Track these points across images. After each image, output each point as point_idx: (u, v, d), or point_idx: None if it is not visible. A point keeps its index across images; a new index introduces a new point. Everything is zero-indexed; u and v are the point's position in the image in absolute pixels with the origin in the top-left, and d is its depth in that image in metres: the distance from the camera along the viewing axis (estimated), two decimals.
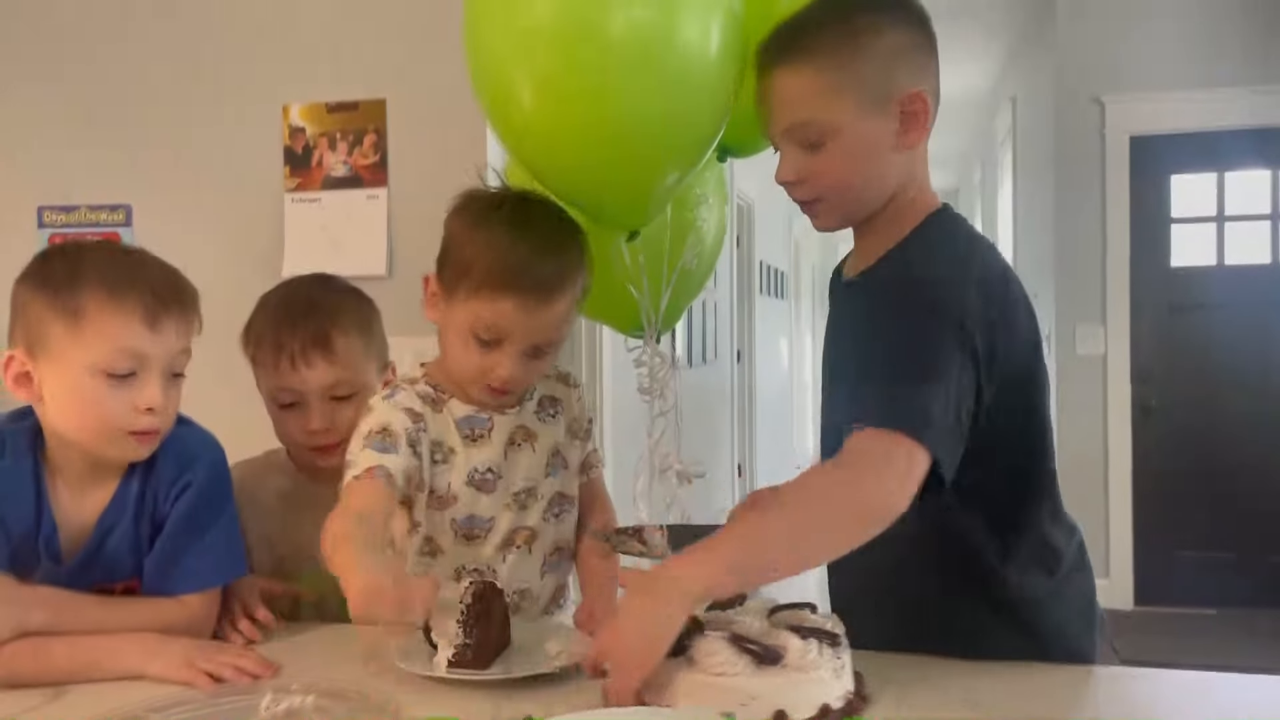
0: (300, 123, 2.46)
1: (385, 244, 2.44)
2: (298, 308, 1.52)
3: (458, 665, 1.15)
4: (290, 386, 1.48)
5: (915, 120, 1.21)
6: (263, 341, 1.50)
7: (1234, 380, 4.49)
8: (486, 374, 1.33)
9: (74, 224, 2.61)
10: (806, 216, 1.32)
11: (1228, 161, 4.61)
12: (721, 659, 1.02)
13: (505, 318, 1.30)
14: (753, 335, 6.82)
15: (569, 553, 1.47)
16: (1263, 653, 3.74)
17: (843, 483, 1.08)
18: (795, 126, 1.22)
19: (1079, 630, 1.28)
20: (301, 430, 1.49)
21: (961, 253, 1.21)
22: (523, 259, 1.29)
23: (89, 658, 1.21)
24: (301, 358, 1.47)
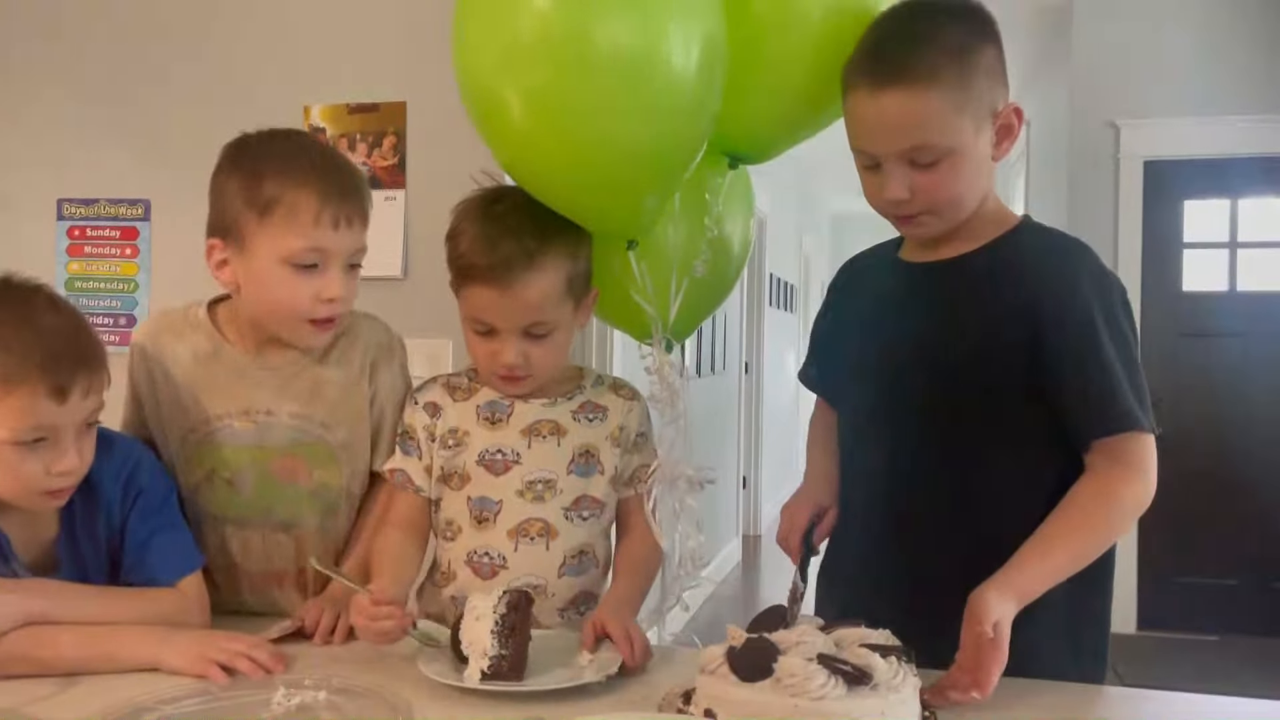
0: (320, 123, 2.48)
1: (401, 246, 2.45)
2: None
3: (493, 677, 1.16)
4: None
5: (1009, 132, 1.28)
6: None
7: (1243, 407, 4.47)
8: (493, 362, 1.39)
9: (93, 217, 2.62)
10: (899, 228, 1.35)
11: (1241, 188, 4.61)
12: (819, 681, 0.97)
13: (483, 304, 1.36)
14: (761, 347, 6.82)
15: (595, 561, 1.46)
16: (1265, 680, 3.72)
17: (1124, 490, 1.21)
18: (916, 149, 1.23)
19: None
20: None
21: (1088, 251, 1.31)
22: (485, 245, 1.35)
23: (99, 648, 1.22)
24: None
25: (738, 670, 1.02)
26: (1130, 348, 1.25)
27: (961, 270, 1.31)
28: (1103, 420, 1.22)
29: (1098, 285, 1.26)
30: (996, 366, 1.26)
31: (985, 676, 1.09)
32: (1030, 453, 1.27)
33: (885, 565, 1.34)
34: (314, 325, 1.36)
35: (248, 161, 1.33)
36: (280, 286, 1.32)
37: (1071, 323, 1.23)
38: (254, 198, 1.30)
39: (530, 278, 1.34)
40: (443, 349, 2.42)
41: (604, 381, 1.51)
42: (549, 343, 1.40)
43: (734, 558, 6.09)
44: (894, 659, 1.03)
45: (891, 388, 1.34)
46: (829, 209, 10.27)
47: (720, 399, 5.71)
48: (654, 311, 1.50)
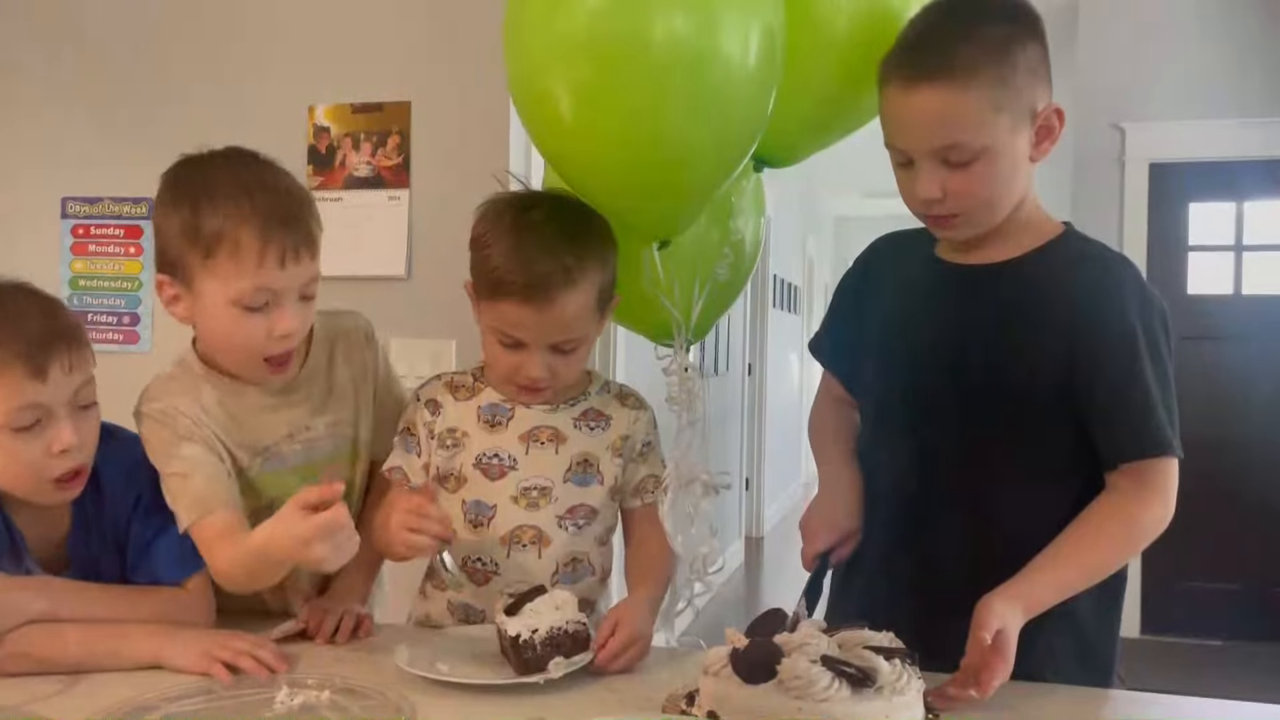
0: (325, 122, 2.47)
1: (405, 246, 2.45)
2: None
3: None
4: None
5: (1049, 133, 1.25)
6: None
7: (1246, 411, 4.46)
8: (517, 373, 1.37)
9: (97, 215, 2.62)
10: (932, 229, 1.32)
11: (1247, 191, 4.60)
12: (823, 684, 0.97)
13: (516, 320, 1.33)
14: (764, 349, 6.81)
15: (591, 569, 1.44)
16: (1270, 685, 3.71)
17: (1146, 511, 1.22)
18: (949, 147, 1.20)
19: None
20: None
21: (1130, 266, 1.29)
22: (524, 261, 1.31)
23: (105, 646, 1.22)
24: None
25: (741, 672, 1.02)
26: (1167, 370, 1.23)
27: (1000, 277, 1.29)
28: (1134, 442, 1.21)
29: (1141, 305, 1.24)
30: (1028, 378, 1.24)
31: (985, 681, 1.08)
32: (1052, 465, 1.27)
33: (900, 567, 1.33)
34: (270, 364, 1.32)
35: (186, 196, 1.28)
36: (232, 327, 1.29)
37: (1112, 341, 1.21)
38: (195, 237, 1.25)
39: (568, 296, 1.32)
40: (446, 349, 2.42)
41: (610, 389, 1.49)
42: (575, 356, 1.39)
43: (736, 559, 6.09)
44: (898, 661, 1.03)
45: (917, 386, 1.32)
46: (832, 211, 10.26)
47: (723, 400, 5.70)
48: (678, 314, 1.49)
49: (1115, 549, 1.23)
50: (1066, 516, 1.22)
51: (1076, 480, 1.25)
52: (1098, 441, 1.23)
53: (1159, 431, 1.21)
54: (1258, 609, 4.44)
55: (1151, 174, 4.59)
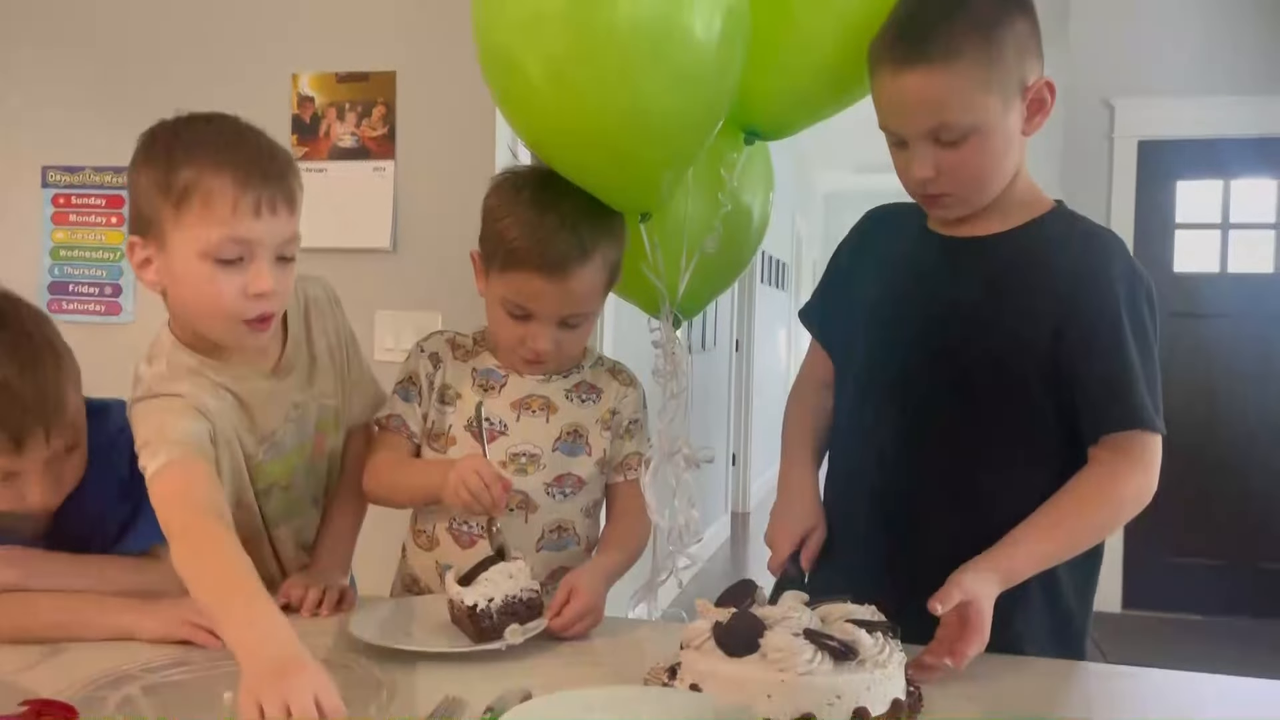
0: (309, 92, 2.45)
1: (390, 217, 2.43)
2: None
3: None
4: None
5: (1041, 107, 1.26)
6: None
7: (1231, 389, 4.49)
8: (523, 345, 1.39)
9: (78, 185, 2.59)
10: (926, 208, 1.33)
11: (1234, 169, 4.60)
12: (805, 656, 0.98)
13: (531, 293, 1.35)
14: (752, 325, 6.81)
15: (576, 538, 1.46)
16: (1249, 660, 3.74)
17: (1126, 485, 1.22)
18: (940, 127, 1.21)
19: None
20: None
21: (1118, 241, 1.29)
22: (543, 235, 1.33)
23: (79, 616, 1.21)
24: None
25: (724, 645, 1.02)
26: (1151, 346, 1.24)
27: (989, 251, 1.30)
28: (1115, 415, 1.22)
29: (1127, 279, 1.25)
30: (1015, 352, 1.25)
31: (960, 651, 1.09)
32: (1035, 439, 1.27)
33: (880, 540, 1.34)
34: (249, 325, 1.23)
35: (160, 149, 1.22)
36: (203, 284, 1.20)
37: (1097, 316, 1.22)
38: (168, 188, 1.18)
39: (583, 271, 1.35)
40: (432, 322, 2.40)
41: (604, 363, 1.51)
42: (581, 331, 1.42)
43: (722, 534, 6.11)
44: (880, 634, 1.03)
45: (902, 357, 1.33)
46: (822, 187, 10.24)
47: (711, 376, 5.71)
48: (663, 286, 1.50)
49: (1095, 521, 1.24)
50: (1048, 491, 1.22)
51: (1060, 456, 1.26)
52: (1080, 414, 1.23)
53: (1140, 406, 1.21)
54: (1237, 585, 4.49)
55: (1140, 151, 4.59)
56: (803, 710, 0.96)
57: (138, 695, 1.03)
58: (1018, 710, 1.05)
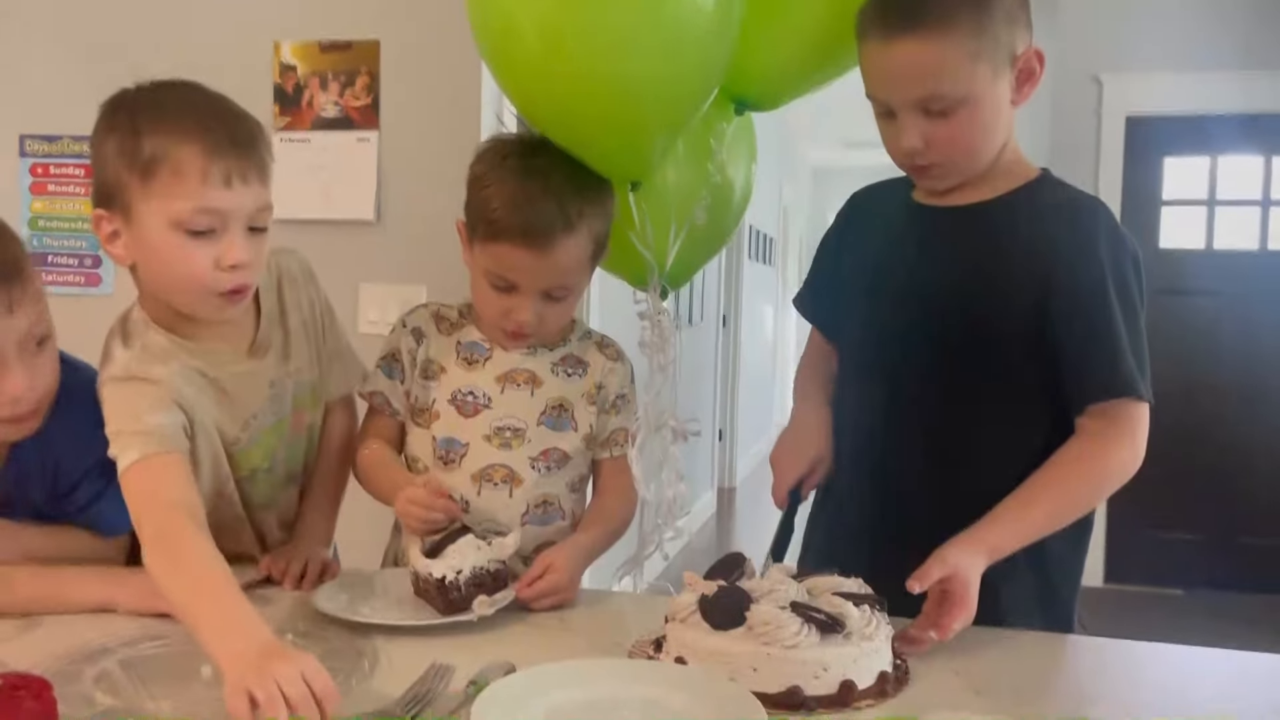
0: (291, 61, 2.41)
1: (374, 188, 2.41)
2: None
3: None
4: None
5: (1031, 76, 1.25)
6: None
7: (1215, 366, 4.51)
8: (506, 318, 1.37)
9: (56, 154, 2.56)
10: (914, 179, 1.32)
11: (1221, 146, 4.60)
12: (792, 629, 0.97)
13: (513, 264, 1.33)
14: (739, 300, 6.81)
15: (562, 513, 1.44)
16: (1227, 634, 3.79)
17: (1113, 454, 1.21)
18: (929, 97, 1.20)
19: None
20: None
21: (1104, 209, 1.28)
22: (526, 205, 1.31)
23: (56, 589, 1.20)
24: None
25: (710, 618, 1.02)
26: (1137, 314, 1.24)
27: (975, 219, 1.29)
28: (1103, 385, 1.21)
29: (1112, 246, 1.24)
30: (1001, 319, 1.25)
31: (945, 625, 1.09)
32: (1024, 408, 1.27)
33: (871, 511, 1.34)
34: (223, 297, 1.20)
35: (124, 117, 1.17)
36: (174, 257, 1.16)
37: (1082, 283, 1.21)
38: (133, 158, 1.14)
39: (567, 243, 1.32)
40: (416, 295, 2.39)
41: (591, 337, 1.49)
42: (565, 304, 1.39)
43: (709, 509, 6.13)
44: (867, 607, 1.03)
45: (892, 330, 1.33)
46: (809, 162, 10.22)
47: (697, 351, 5.70)
48: (651, 257, 1.49)
49: (1082, 492, 1.23)
50: (1035, 460, 1.22)
51: (1045, 424, 1.25)
52: (1066, 384, 1.23)
53: (1127, 374, 1.21)
54: (1218, 560, 4.53)
55: (1128, 127, 4.59)
56: (789, 683, 0.96)
57: (114, 669, 1.02)
58: (1003, 683, 1.06)
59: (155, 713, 0.93)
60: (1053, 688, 1.12)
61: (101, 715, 0.92)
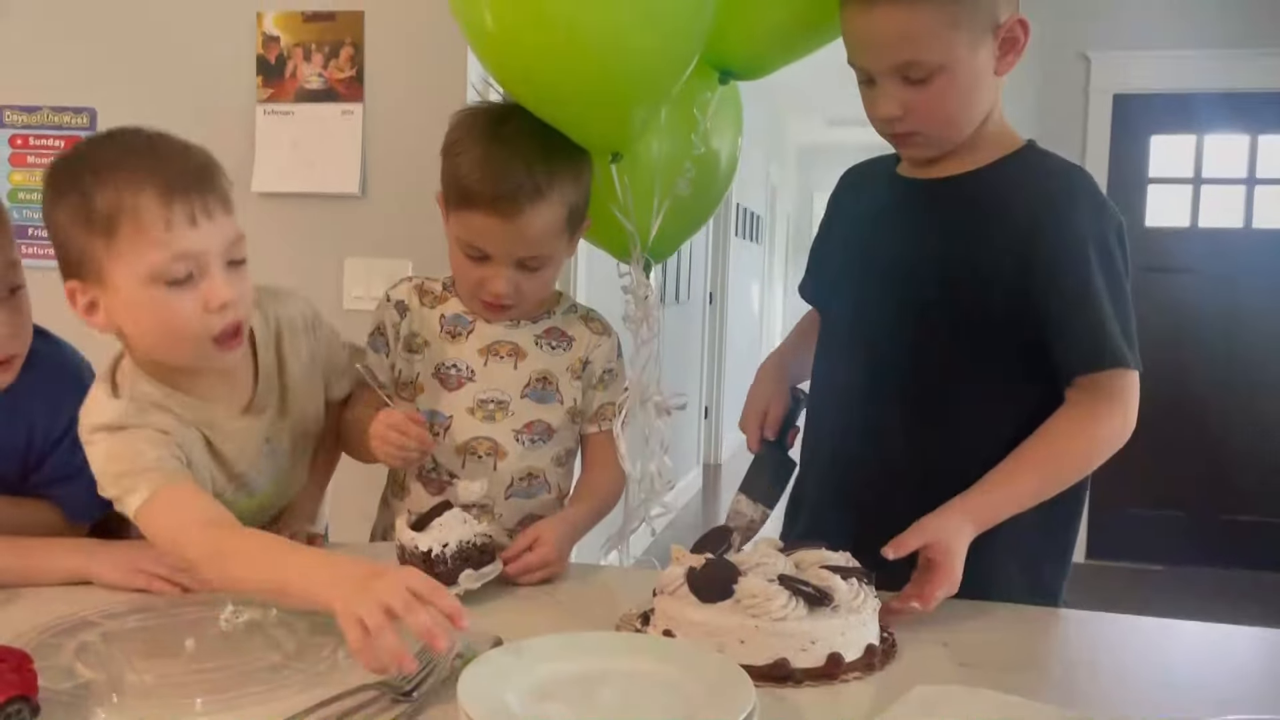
0: (274, 31, 2.38)
1: (359, 161, 2.38)
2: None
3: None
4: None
5: (1014, 45, 1.24)
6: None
7: (1199, 343, 4.53)
8: (481, 288, 1.36)
9: (36, 125, 2.52)
10: (896, 147, 1.32)
11: (1207, 124, 4.61)
12: (780, 602, 0.97)
13: (483, 231, 1.32)
14: (726, 278, 6.80)
15: (547, 486, 1.44)
16: (1208, 608, 3.83)
17: (1103, 424, 1.21)
18: (907, 64, 1.20)
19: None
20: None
21: (1089, 179, 1.28)
22: (492, 172, 1.29)
23: (27, 559, 1.19)
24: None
25: (697, 591, 1.01)
26: (1121, 282, 1.23)
27: (958, 190, 1.28)
28: (1089, 355, 1.20)
29: (1095, 216, 1.23)
30: (982, 288, 1.24)
31: (928, 594, 1.10)
32: (1008, 379, 1.26)
33: (858, 483, 1.34)
34: (218, 344, 1.14)
35: (67, 179, 1.12)
36: (159, 312, 1.11)
37: (1065, 253, 1.21)
38: (90, 220, 1.08)
39: (537, 210, 1.30)
40: (402, 269, 2.37)
41: (577, 310, 1.48)
42: (541, 275, 1.38)
43: (694, 486, 6.14)
44: (855, 580, 1.03)
45: (876, 301, 1.32)
46: (797, 140, 10.18)
47: (684, 329, 5.70)
48: (634, 229, 1.48)
49: (1071, 462, 1.23)
50: (1023, 431, 1.22)
51: (1031, 395, 1.25)
52: (1054, 355, 1.22)
53: (1113, 344, 1.20)
54: (1201, 536, 4.56)
55: (1115, 105, 4.59)
56: (776, 655, 0.96)
57: (96, 641, 1.01)
58: (989, 655, 1.06)
59: (137, 685, 0.93)
60: (1037, 660, 1.12)
61: (82, 687, 0.91)
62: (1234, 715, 0.86)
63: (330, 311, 2.36)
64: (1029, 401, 1.25)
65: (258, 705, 0.89)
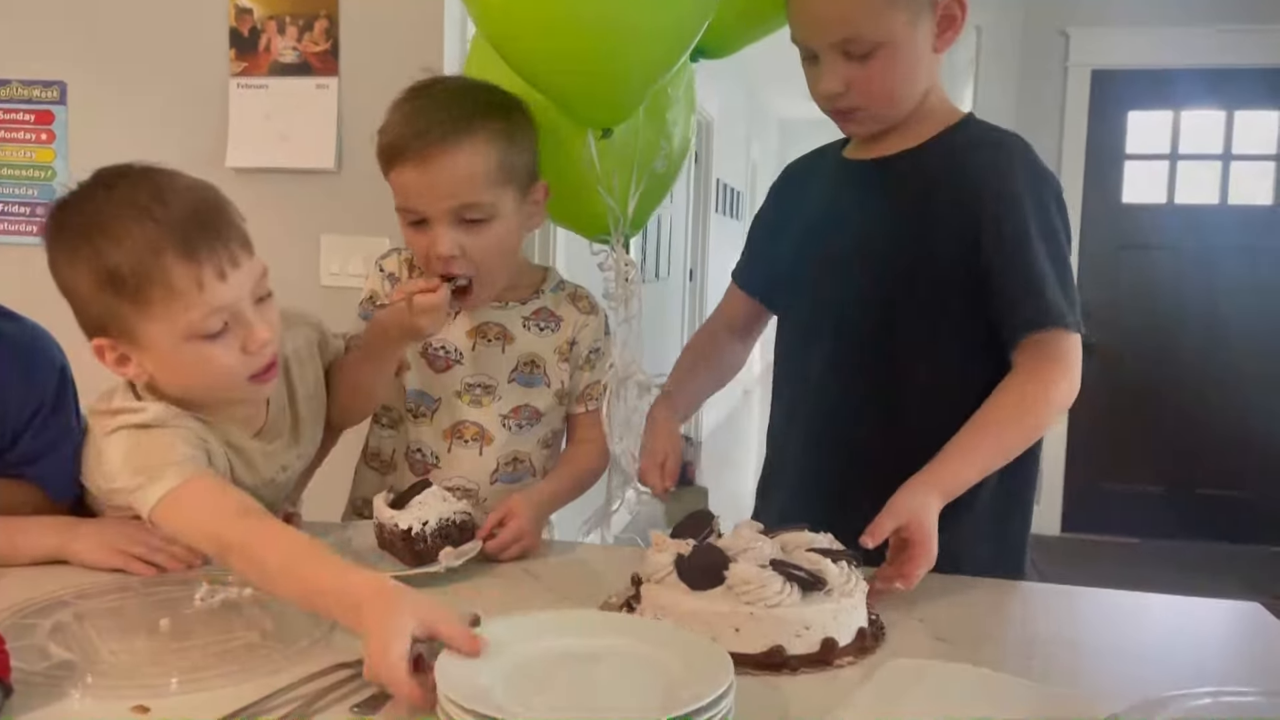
0: (247, 3, 2.34)
1: (334, 136, 2.35)
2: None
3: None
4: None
5: (952, 23, 1.26)
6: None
7: (1175, 319, 4.57)
8: (429, 259, 1.32)
9: (6, 99, 2.47)
10: (838, 124, 1.34)
11: (1184, 100, 4.63)
12: (774, 588, 0.95)
13: (409, 186, 1.29)
14: (706, 254, 6.79)
15: (532, 469, 1.44)
16: (1182, 581, 3.88)
17: (1051, 386, 1.21)
18: (847, 40, 1.22)
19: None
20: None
21: (1028, 148, 1.29)
22: (409, 123, 1.28)
23: (1, 544, 1.18)
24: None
25: (688, 579, 0.99)
26: (1061, 246, 1.24)
27: (901, 167, 1.30)
28: (1029, 316, 1.21)
29: (1032, 182, 1.25)
30: (934, 263, 1.26)
31: (909, 572, 1.10)
32: (967, 351, 1.28)
33: (823, 467, 1.34)
34: (255, 380, 1.15)
35: (82, 243, 1.08)
36: (200, 365, 1.11)
37: (1004, 219, 1.22)
38: (116, 286, 1.06)
39: (454, 150, 1.26)
40: (379, 246, 2.33)
41: (564, 288, 1.46)
42: (487, 233, 1.31)
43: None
44: (844, 564, 1.02)
45: (832, 286, 1.34)
46: (777, 114, 10.16)
47: (664, 305, 5.69)
48: (616, 206, 1.47)
49: (1026, 425, 1.23)
50: (979, 403, 1.22)
51: (990, 362, 1.25)
52: (998, 320, 1.24)
53: (1054, 306, 1.21)
54: (1175, 509, 4.62)
55: (1094, 81, 4.59)
56: (771, 643, 0.94)
57: (70, 621, 1.01)
58: (964, 629, 1.07)
59: (112, 664, 0.92)
60: (1012, 632, 1.14)
61: (56, 667, 0.90)
62: (1208, 687, 0.87)
63: (308, 289, 2.36)
64: (990, 367, 1.25)
65: (233, 684, 0.88)
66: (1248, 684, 0.90)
